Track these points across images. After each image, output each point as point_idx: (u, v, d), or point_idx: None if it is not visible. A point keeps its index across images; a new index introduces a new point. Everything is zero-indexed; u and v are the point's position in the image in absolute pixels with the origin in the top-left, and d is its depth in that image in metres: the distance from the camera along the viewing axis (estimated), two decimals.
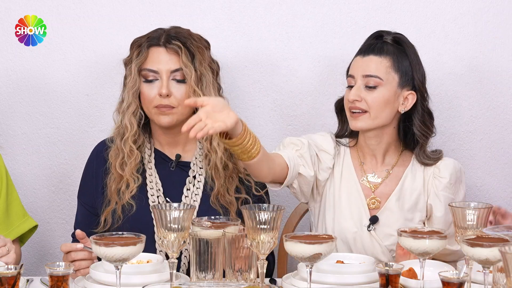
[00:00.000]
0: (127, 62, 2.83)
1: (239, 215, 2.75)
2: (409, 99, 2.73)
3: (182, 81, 2.77)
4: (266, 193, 2.88)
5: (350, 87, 2.73)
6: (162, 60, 2.77)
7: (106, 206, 2.79)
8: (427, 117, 2.77)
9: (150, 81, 2.77)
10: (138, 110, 2.81)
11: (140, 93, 2.79)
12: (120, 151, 2.80)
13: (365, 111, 2.70)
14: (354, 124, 2.73)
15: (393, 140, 2.80)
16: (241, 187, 2.82)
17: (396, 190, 2.78)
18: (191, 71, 2.75)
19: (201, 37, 2.85)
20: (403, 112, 2.74)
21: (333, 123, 2.99)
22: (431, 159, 2.78)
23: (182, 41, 2.78)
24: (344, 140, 2.85)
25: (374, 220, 2.75)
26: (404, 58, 2.73)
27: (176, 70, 2.76)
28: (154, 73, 2.76)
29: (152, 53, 2.78)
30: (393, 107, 2.72)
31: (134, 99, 2.79)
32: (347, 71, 2.79)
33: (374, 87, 2.69)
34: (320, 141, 2.80)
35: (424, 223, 2.77)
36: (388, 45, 2.74)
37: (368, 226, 2.75)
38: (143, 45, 2.79)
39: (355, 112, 2.71)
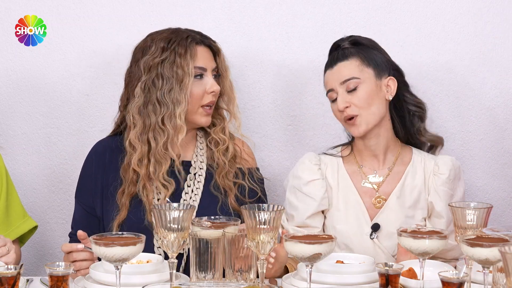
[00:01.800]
0: (175, 60, 2.75)
1: (237, 200, 2.77)
2: (391, 85, 2.78)
3: (217, 77, 2.83)
4: (263, 193, 2.88)
5: (334, 100, 2.76)
6: (207, 57, 2.80)
7: (116, 212, 2.75)
8: (411, 90, 2.85)
9: (199, 79, 2.78)
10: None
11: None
12: (162, 157, 2.73)
13: (357, 115, 2.72)
14: (356, 131, 2.75)
15: (390, 135, 2.82)
16: (239, 173, 2.83)
17: (397, 188, 2.79)
18: (226, 68, 2.84)
19: None
20: (391, 98, 2.77)
21: (333, 123, 3.00)
22: (432, 136, 2.86)
23: (212, 41, 2.84)
24: (335, 150, 2.87)
25: (375, 227, 2.75)
26: (367, 51, 2.77)
27: (215, 68, 2.83)
28: (202, 70, 2.79)
29: (198, 51, 2.79)
30: (380, 98, 2.76)
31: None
32: (325, 88, 2.81)
33: (355, 89, 2.73)
34: (304, 182, 2.80)
35: (425, 220, 2.77)
36: (348, 48, 2.78)
37: (371, 235, 2.75)
38: (190, 42, 2.77)
39: (350, 119, 2.74)
